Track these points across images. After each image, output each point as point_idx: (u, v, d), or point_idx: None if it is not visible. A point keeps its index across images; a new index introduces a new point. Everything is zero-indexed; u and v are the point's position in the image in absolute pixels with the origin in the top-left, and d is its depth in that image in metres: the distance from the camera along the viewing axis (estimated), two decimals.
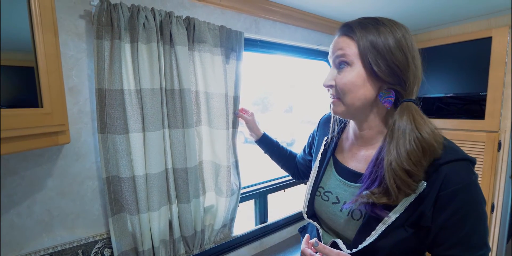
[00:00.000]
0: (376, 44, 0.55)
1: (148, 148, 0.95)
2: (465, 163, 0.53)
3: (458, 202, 0.51)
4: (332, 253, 0.58)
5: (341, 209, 0.64)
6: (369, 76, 0.57)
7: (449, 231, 0.52)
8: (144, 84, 0.92)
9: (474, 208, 0.52)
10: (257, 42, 1.39)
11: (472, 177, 0.53)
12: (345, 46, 0.58)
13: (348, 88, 0.57)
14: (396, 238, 0.56)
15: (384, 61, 0.55)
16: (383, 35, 0.55)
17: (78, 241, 0.94)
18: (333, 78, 0.60)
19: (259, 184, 1.59)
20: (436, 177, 0.52)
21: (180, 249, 1.13)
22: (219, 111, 1.12)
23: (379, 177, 0.55)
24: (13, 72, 0.62)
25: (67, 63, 0.86)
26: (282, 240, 1.56)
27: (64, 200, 0.90)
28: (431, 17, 1.61)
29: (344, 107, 0.60)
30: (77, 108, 0.90)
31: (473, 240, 0.52)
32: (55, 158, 0.88)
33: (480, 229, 0.53)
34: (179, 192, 1.06)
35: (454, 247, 0.53)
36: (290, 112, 9.72)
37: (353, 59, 0.57)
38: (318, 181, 0.72)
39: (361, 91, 0.57)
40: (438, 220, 0.53)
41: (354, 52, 0.57)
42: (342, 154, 0.72)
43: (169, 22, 0.95)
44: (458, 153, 0.54)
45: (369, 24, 0.57)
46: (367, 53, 0.55)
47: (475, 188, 0.53)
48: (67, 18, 0.85)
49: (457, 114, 1.89)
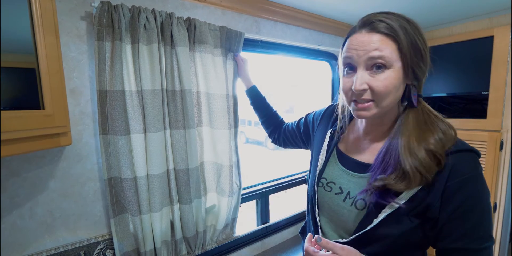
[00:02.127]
0: (416, 44, 0.53)
1: (150, 149, 0.96)
2: (471, 154, 0.53)
3: (466, 193, 0.51)
4: (336, 248, 0.56)
5: (353, 199, 0.63)
6: (407, 77, 0.55)
7: (456, 222, 0.52)
8: (145, 85, 0.92)
9: (480, 199, 0.52)
10: (258, 42, 1.38)
11: (479, 168, 0.53)
12: (383, 46, 0.52)
13: (388, 91, 0.54)
14: (401, 229, 0.55)
15: (422, 61, 0.55)
16: (418, 34, 0.54)
17: (80, 242, 0.94)
18: (366, 81, 0.54)
19: (261, 184, 1.59)
20: (444, 167, 0.52)
21: (182, 250, 1.13)
22: (220, 112, 1.12)
23: (391, 166, 0.55)
24: (15, 74, 0.62)
25: (68, 65, 0.86)
26: (284, 240, 1.56)
27: (66, 202, 0.91)
28: (433, 16, 1.61)
29: (378, 110, 0.57)
30: (78, 110, 0.90)
31: (478, 232, 0.52)
32: (57, 160, 0.88)
33: (486, 221, 0.52)
34: (180, 193, 1.06)
35: (460, 239, 0.52)
36: (291, 112, 9.72)
37: (392, 61, 0.53)
38: (321, 172, 0.72)
39: (399, 92, 0.56)
40: (446, 211, 0.52)
41: (393, 54, 0.53)
42: (346, 146, 0.71)
43: (170, 23, 0.95)
44: (464, 144, 0.54)
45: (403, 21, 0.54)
46: (410, 55, 0.53)
47: (482, 179, 0.53)
48: (68, 19, 0.86)
49: (459, 114, 1.88)
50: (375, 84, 0.54)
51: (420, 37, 0.54)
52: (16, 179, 0.81)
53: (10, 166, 0.80)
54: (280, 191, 1.65)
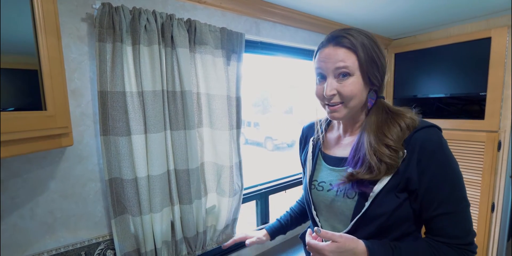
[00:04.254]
0: (372, 55, 0.64)
1: (150, 150, 0.96)
2: (435, 129, 0.63)
3: (436, 162, 0.60)
4: (334, 236, 0.60)
5: (335, 191, 0.70)
6: (365, 83, 0.66)
7: (434, 190, 0.60)
8: (146, 86, 0.93)
9: (451, 167, 0.61)
10: (257, 43, 1.39)
11: (443, 140, 0.62)
12: (346, 58, 0.63)
13: (354, 94, 0.65)
14: (391, 206, 0.62)
15: (377, 69, 0.65)
16: (376, 45, 0.64)
17: (81, 242, 0.94)
18: (334, 87, 0.65)
19: (260, 185, 1.59)
20: (414, 143, 0.61)
21: (183, 250, 1.13)
22: (221, 113, 1.13)
23: (361, 158, 0.64)
24: (17, 75, 0.62)
25: (69, 66, 0.87)
26: (284, 240, 1.56)
27: (66, 202, 0.91)
28: (431, 17, 1.62)
29: (347, 110, 0.67)
30: (79, 111, 0.90)
31: (454, 196, 0.60)
32: (58, 160, 0.88)
33: (458, 185, 0.61)
34: (181, 193, 1.06)
35: (440, 206, 0.60)
36: (290, 113, 9.74)
37: (353, 70, 0.63)
38: (311, 176, 0.79)
39: (361, 96, 0.66)
40: (423, 181, 0.60)
41: (355, 64, 0.63)
42: (329, 147, 0.80)
43: (171, 24, 0.96)
44: (426, 122, 0.64)
45: (363, 37, 0.64)
46: (367, 65, 0.63)
47: (448, 150, 0.61)
48: (69, 21, 0.86)
49: (457, 114, 1.89)
50: (342, 89, 0.64)
51: (377, 50, 0.65)
52: (17, 179, 0.82)
53: (11, 166, 0.80)
54: (280, 191, 1.66)
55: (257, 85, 9.20)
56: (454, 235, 0.60)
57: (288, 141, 9.09)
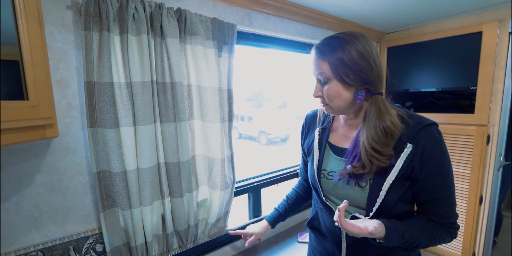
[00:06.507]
0: (343, 60, 0.68)
1: (140, 142, 0.94)
2: (435, 127, 0.71)
3: (435, 156, 0.69)
4: (354, 228, 0.64)
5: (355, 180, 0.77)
6: (344, 85, 0.71)
7: (430, 178, 0.70)
8: (135, 77, 0.91)
9: (446, 159, 0.71)
10: (250, 35, 1.37)
11: (441, 137, 0.71)
12: (321, 66, 0.72)
13: (333, 96, 0.73)
14: (399, 192, 0.71)
15: (351, 72, 0.69)
16: (347, 50, 0.68)
17: (69, 236, 0.92)
18: (320, 90, 0.75)
19: (253, 178, 1.59)
20: (419, 138, 0.69)
21: (174, 244, 1.12)
22: (212, 105, 1.11)
23: (358, 153, 0.72)
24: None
25: (54, 55, 0.84)
26: (276, 233, 1.57)
27: (53, 196, 0.89)
28: (423, 11, 1.62)
29: (333, 109, 0.77)
30: (65, 102, 0.88)
31: (446, 184, 0.71)
32: (43, 153, 0.86)
33: (449, 176, 0.71)
34: (171, 186, 1.05)
35: (433, 192, 0.71)
36: (284, 107, 9.74)
37: (329, 76, 0.71)
38: (320, 166, 0.84)
39: (342, 96, 0.72)
40: (424, 171, 0.70)
41: (328, 71, 0.70)
42: (336, 138, 0.85)
43: (160, 13, 0.93)
44: (427, 119, 0.71)
45: (334, 44, 0.70)
46: (338, 69, 0.69)
47: (444, 146, 0.71)
48: (53, 8, 0.83)
49: (447, 108, 1.91)
50: (324, 92, 0.74)
51: (354, 53, 0.68)
52: (1, 172, 0.79)
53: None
54: (272, 184, 1.66)
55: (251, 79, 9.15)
56: (444, 215, 0.73)
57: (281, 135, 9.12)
